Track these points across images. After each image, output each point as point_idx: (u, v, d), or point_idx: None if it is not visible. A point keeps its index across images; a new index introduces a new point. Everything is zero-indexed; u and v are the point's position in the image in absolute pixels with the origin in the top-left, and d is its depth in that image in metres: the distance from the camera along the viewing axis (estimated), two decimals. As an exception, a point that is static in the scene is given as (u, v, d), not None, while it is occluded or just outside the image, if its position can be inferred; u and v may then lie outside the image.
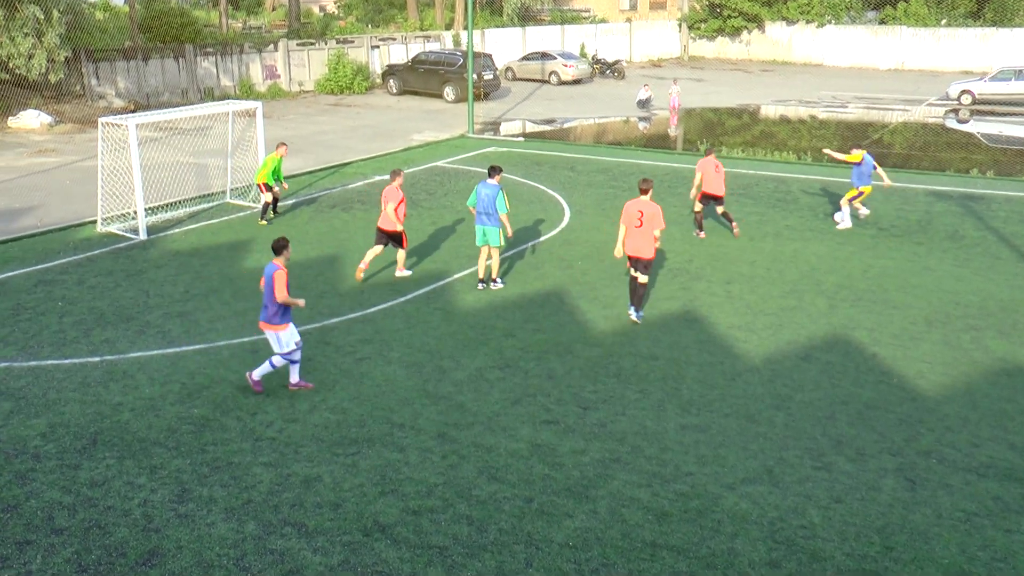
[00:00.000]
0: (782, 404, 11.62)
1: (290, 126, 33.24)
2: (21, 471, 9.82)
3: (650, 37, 61.88)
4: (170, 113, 20.36)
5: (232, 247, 18.16)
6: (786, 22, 60.17)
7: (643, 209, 13.70)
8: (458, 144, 29.80)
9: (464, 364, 12.70)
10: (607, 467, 10.03)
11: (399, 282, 16.00)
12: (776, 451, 10.44)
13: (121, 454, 10.19)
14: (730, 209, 21.10)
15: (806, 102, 41.99)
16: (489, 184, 15.26)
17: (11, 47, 29.16)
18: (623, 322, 14.28)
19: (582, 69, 48.16)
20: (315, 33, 50.28)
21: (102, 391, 11.74)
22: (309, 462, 10.05)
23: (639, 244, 13.83)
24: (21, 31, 29.11)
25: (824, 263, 17.29)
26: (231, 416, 11.10)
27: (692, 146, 30.13)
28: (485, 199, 15.19)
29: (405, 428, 10.85)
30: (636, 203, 13.85)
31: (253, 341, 13.36)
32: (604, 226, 19.64)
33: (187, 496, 9.37)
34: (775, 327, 14.17)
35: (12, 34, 29.01)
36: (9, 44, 29.12)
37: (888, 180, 20.13)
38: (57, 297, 15.24)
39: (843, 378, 12.39)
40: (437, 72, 41.03)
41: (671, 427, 10.98)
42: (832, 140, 32.00)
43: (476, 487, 9.59)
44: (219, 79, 39.79)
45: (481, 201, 15.24)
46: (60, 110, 33.76)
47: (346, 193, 22.84)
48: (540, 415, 11.23)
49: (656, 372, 12.53)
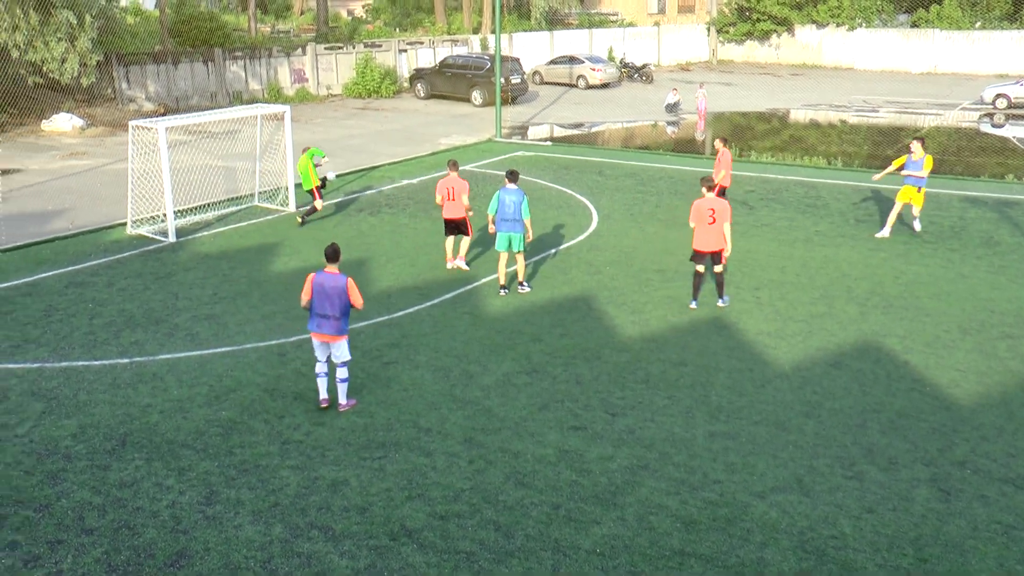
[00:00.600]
0: (812, 412, 11.52)
1: (318, 130, 33.41)
2: (52, 471, 9.92)
3: (678, 41, 61.69)
4: (199, 116, 20.52)
5: (260, 250, 18.27)
6: (816, 25, 59.77)
7: (714, 207, 14.55)
8: (486, 148, 29.84)
9: (491, 369, 12.70)
10: (635, 474, 9.99)
11: (426, 286, 16.03)
12: (806, 459, 10.35)
13: (150, 455, 10.27)
14: (760, 214, 20.99)
15: (836, 106, 41.69)
16: (511, 190, 15.33)
17: (45, 51, 29.56)
18: (651, 327, 14.23)
19: (610, 73, 48.09)
20: (343, 37, 50.57)
21: (131, 393, 11.84)
22: (336, 466, 10.07)
23: (712, 239, 14.67)
24: (55, 36, 29.51)
25: (855, 269, 17.14)
26: (259, 419, 11.16)
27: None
28: (510, 205, 15.24)
29: (432, 432, 10.86)
30: (705, 201, 14.64)
31: (281, 344, 13.43)
32: (632, 231, 19.59)
33: (215, 498, 9.42)
34: (805, 334, 14.06)
35: (46, 39, 29.40)
36: (43, 49, 29.52)
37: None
38: (88, 299, 15.39)
39: (874, 386, 12.27)
40: (465, 76, 41.10)
41: (700, 434, 10.92)
42: (863, 145, 31.76)
43: (503, 492, 9.57)
44: (247, 83, 40.09)
45: (505, 207, 15.28)
46: (92, 113, 34.14)
47: (374, 197, 22.92)
48: (568, 421, 11.20)
49: (685, 378, 12.46)
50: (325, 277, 10.94)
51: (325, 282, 10.90)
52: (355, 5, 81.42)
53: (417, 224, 20.20)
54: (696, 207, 14.71)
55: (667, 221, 20.43)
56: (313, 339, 11.23)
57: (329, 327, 10.95)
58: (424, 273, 16.81)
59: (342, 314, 10.94)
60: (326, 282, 10.90)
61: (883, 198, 22.73)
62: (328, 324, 10.94)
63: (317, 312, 10.95)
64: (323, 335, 11.02)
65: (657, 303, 15.31)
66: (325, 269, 11.07)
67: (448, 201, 16.57)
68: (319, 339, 11.12)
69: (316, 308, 10.96)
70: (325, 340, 11.08)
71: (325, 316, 10.91)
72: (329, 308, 10.88)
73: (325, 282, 10.90)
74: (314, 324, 11.03)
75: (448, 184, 16.57)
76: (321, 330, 10.98)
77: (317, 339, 11.15)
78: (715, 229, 14.58)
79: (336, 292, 10.85)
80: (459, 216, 16.68)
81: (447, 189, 16.54)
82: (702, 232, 14.66)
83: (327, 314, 10.90)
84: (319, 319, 10.95)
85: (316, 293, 10.92)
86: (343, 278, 10.92)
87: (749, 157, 28.41)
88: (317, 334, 11.07)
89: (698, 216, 14.65)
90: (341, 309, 10.91)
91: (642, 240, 18.98)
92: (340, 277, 10.92)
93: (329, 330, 10.96)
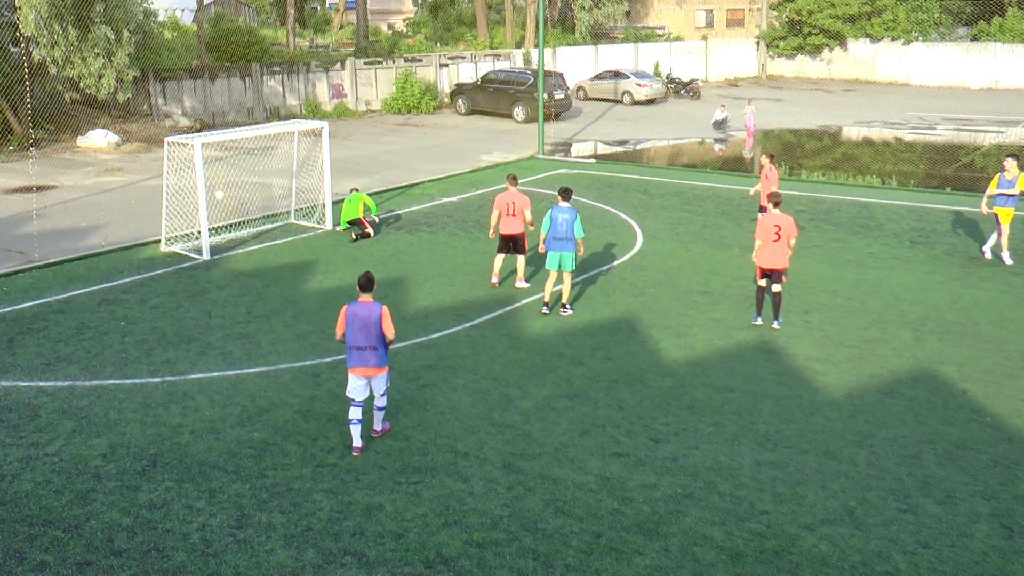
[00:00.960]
0: (864, 441, 11.37)
1: (356, 146, 33.74)
2: (82, 491, 10.05)
3: (726, 55, 61.59)
4: (236, 132, 20.82)
5: (295, 268, 18.45)
6: (870, 39, 59.36)
7: (779, 223, 14.73)
8: (528, 166, 29.93)
9: (531, 392, 12.69)
10: (679, 503, 9.91)
11: (465, 306, 16.08)
12: (858, 491, 10.21)
13: (180, 477, 10.37)
14: (810, 235, 20.83)
15: (891, 123, 41.32)
16: (564, 207, 15.39)
17: (82, 67, 30.19)
18: (696, 351, 14.15)
19: (656, 88, 48.09)
20: (383, 51, 51.14)
21: (162, 412, 11.99)
22: (370, 490, 10.11)
23: (777, 256, 14.83)
24: (92, 51, 30.14)
25: (909, 293, 16.93)
26: (291, 441, 11.23)
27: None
28: (563, 224, 15.29)
29: (469, 457, 10.86)
30: (771, 217, 14.85)
31: (315, 364, 13.53)
32: (677, 251, 19.52)
33: (246, 521, 9.49)
34: (857, 360, 13.90)
35: (84, 54, 30.04)
36: (81, 64, 30.16)
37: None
38: (120, 317, 15.63)
39: (930, 415, 12.08)
40: (507, 91, 41.33)
41: (746, 463, 10.82)
42: (919, 164, 31.42)
43: (542, 520, 9.54)
44: (285, 98, 40.63)
45: (557, 226, 15.32)
46: (127, 129, 34.78)
47: (412, 215, 23.07)
48: (609, 447, 11.15)
49: (731, 404, 12.37)
50: (359, 307, 10.69)
51: (359, 312, 10.65)
52: (396, 19, 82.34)
53: (456, 243, 20.30)
54: (761, 222, 14.98)
55: (714, 241, 20.34)
56: (352, 376, 10.80)
57: (370, 359, 10.67)
58: (463, 293, 16.87)
59: (379, 344, 10.66)
60: (359, 312, 10.65)
61: (940, 219, 22.46)
62: (368, 356, 10.66)
63: (353, 345, 10.67)
64: (366, 368, 10.70)
65: (703, 326, 15.23)
66: (359, 299, 10.81)
67: (507, 216, 16.73)
68: (361, 374, 10.73)
69: (351, 340, 10.67)
70: (367, 374, 10.75)
71: (361, 348, 10.65)
72: (364, 339, 10.60)
73: (359, 312, 10.65)
74: (354, 359, 10.71)
75: (508, 199, 16.76)
76: (363, 364, 10.68)
77: (358, 375, 10.75)
78: (780, 246, 14.76)
79: (371, 322, 10.59)
80: (517, 231, 16.82)
81: (507, 204, 16.73)
82: (767, 249, 14.84)
83: (363, 345, 10.63)
84: (357, 352, 10.67)
85: (350, 324, 10.64)
86: (378, 307, 10.67)
87: (799, 176, 28.23)
88: (358, 368, 10.71)
89: (763, 232, 14.86)
90: (378, 339, 10.64)
91: (688, 261, 18.91)
92: (375, 306, 10.67)
93: (371, 363, 10.67)
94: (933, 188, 26.69)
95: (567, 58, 51.49)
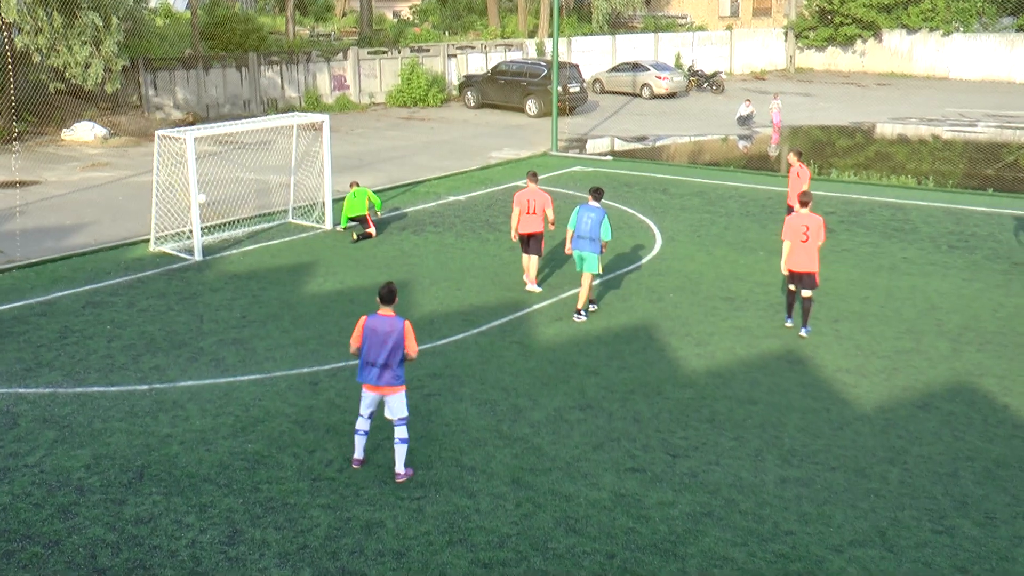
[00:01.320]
0: (897, 458, 11.35)
1: (359, 141, 33.85)
2: (64, 504, 10.10)
3: (752, 47, 61.58)
4: (231, 126, 20.90)
5: (293, 270, 18.51)
6: (906, 30, 59.27)
7: (808, 223, 14.77)
8: (540, 163, 29.97)
9: (542, 404, 12.71)
10: (698, 522, 9.91)
11: (472, 312, 16.10)
12: (890, 511, 10.20)
13: (169, 490, 10.41)
14: (840, 238, 20.81)
15: (928, 120, 41.25)
16: (592, 207, 15.55)
17: (68, 55, 30.25)
18: (718, 361, 14.15)
19: (677, 82, 48.11)
20: (388, 41, 51.27)
21: (150, 422, 12.03)
22: (371, 505, 10.13)
23: (805, 259, 14.85)
24: (79, 39, 30.19)
25: (947, 301, 16.89)
26: (287, 453, 11.27)
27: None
28: (588, 223, 15.43)
29: (476, 472, 10.88)
30: (799, 217, 14.90)
31: (313, 372, 13.57)
32: (698, 255, 19.53)
33: (238, 538, 9.52)
34: (889, 371, 13.88)
35: (70, 42, 30.13)
36: (66, 53, 30.22)
37: None
38: (106, 320, 15.70)
39: (968, 431, 12.06)
40: (519, 84, 41.41)
41: (770, 480, 10.81)
42: (958, 163, 31.35)
43: (553, 539, 9.55)
44: (284, 90, 40.78)
45: (582, 224, 15.47)
46: (115, 122, 34.95)
47: (418, 214, 23.13)
48: (624, 462, 11.16)
49: (754, 418, 12.36)
50: (379, 321, 10.47)
51: (379, 327, 10.43)
52: (401, 6, 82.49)
53: (464, 244, 20.34)
54: (788, 222, 15.02)
55: (737, 244, 20.34)
56: (364, 391, 10.71)
57: (385, 377, 10.47)
58: (471, 298, 16.91)
59: (398, 363, 10.48)
60: (380, 327, 10.43)
61: (980, 222, 22.41)
62: (383, 374, 10.46)
63: (368, 360, 10.48)
64: (378, 387, 10.53)
65: (724, 334, 15.23)
66: (379, 311, 10.56)
67: (527, 214, 16.91)
68: (372, 391, 10.62)
69: (367, 356, 10.47)
70: (379, 392, 10.61)
71: (376, 365, 10.45)
72: (383, 356, 10.39)
73: (379, 327, 10.43)
74: (366, 375, 10.54)
75: (528, 196, 16.97)
76: (377, 381, 10.49)
77: (370, 391, 10.65)
78: (808, 247, 14.79)
79: (392, 338, 10.39)
80: (536, 230, 16.98)
81: (527, 201, 16.93)
82: (795, 251, 14.89)
83: (379, 363, 10.43)
84: (371, 368, 10.48)
85: (368, 339, 10.45)
86: (400, 321, 10.46)
87: (829, 175, 28.21)
88: (371, 386, 10.57)
89: (791, 232, 14.89)
90: (397, 357, 10.46)
91: (709, 265, 18.91)
92: (397, 320, 10.46)
93: (386, 381, 10.48)
94: (973, 189, 26.65)
95: (583, 49, 51.56)
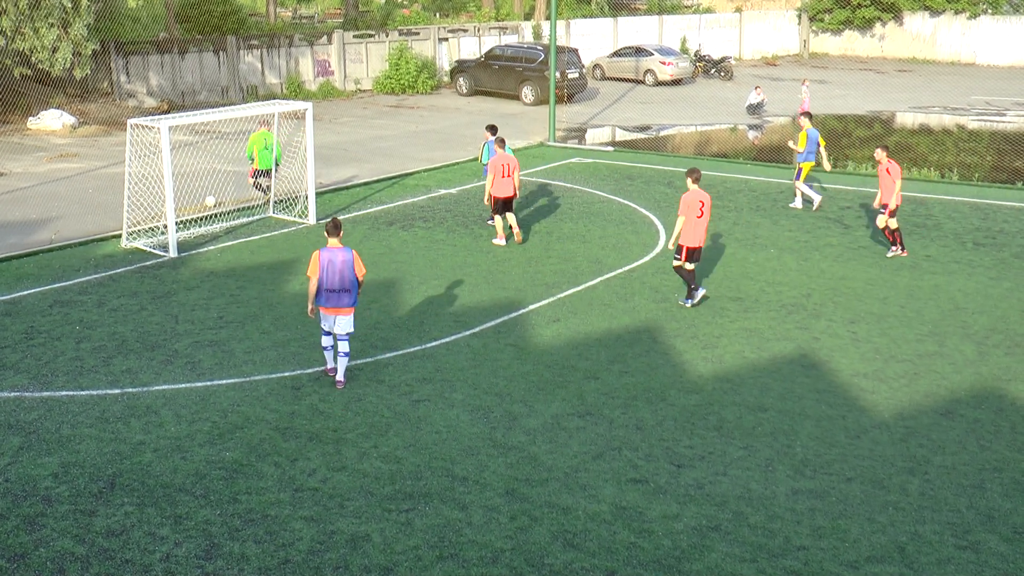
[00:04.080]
0: (917, 468, 11.39)
1: (344, 130, 33.86)
2: (30, 515, 10.11)
3: (763, 30, 61.66)
4: (208, 114, 20.90)
5: (274, 268, 18.53)
6: (929, 13, 59.36)
7: (703, 199, 16.08)
8: (537, 154, 30.01)
9: (538, 410, 12.73)
10: (704, 536, 9.94)
11: (465, 312, 16.13)
12: (910, 524, 10.24)
13: (142, 501, 10.42)
14: (857, 235, 20.85)
15: (953, 109, 41.34)
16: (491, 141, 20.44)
17: (34, 39, 30.14)
18: (726, 365, 14.19)
19: (683, 67, 48.18)
20: (374, 24, 51.29)
21: (122, 428, 12.05)
22: (356, 518, 10.15)
23: (701, 234, 16.17)
24: (46, 21, 30.07)
25: (972, 301, 16.94)
26: (268, 462, 11.29)
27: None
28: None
29: (468, 482, 10.90)
30: (695, 194, 16.09)
31: (295, 376, 13.59)
32: (706, 252, 19.54)
33: (215, 552, 9.53)
34: (910, 376, 13.92)
35: (36, 24, 30.03)
36: (32, 36, 30.12)
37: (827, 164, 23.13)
38: (75, 320, 15.70)
39: (995, 440, 12.10)
40: (514, 69, 41.46)
41: (781, 491, 10.84)
42: (985, 155, 31.42)
43: (549, 554, 9.58)
44: (264, 76, 40.78)
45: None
46: (84, 110, 34.93)
47: (406, 208, 23.15)
48: (626, 472, 11.19)
49: (764, 426, 12.40)
50: (332, 252, 12.81)
51: (334, 258, 12.78)
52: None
53: (456, 240, 20.36)
54: (684, 199, 16.10)
55: (746, 241, 20.38)
56: (323, 314, 13.04)
57: (343, 301, 12.89)
58: (463, 297, 16.93)
59: (352, 286, 12.86)
60: (335, 258, 12.78)
61: (1009, 217, 22.47)
62: (343, 298, 12.87)
63: (327, 288, 12.78)
64: (339, 309, 12.93)
65: (733, 337, 15.27)
66: (328, 244, 12.90)
67: (502, 178, 19.39)
68: (330, 313, 12.98)
69: (326, 284, 12.76)
70: (336, 313, 12.97)
71: (336, 291, 12.80)
72: (339, 282, 12.77)
73: (334, 258, 12.78)
74: (327, 300, 12.86)
75: (503, 160, 19.50)
76: (337, 304, 12.89)
77: (328, 313, 13.00)
78: (703, 223, 16.10)
79: (346, 266, 12.79)
80: (511, 194, 19.60)
81: (503, 166, 19.44)
82: (694, 226, 16.05)
83: (336, 288, 12.79)
84: (332, 294, 12.83)
85: (325, 268, 12.72)
86: (349, 251, 12.88)
87: (846, 168, 28.26)
88: (330, 308, 12.92)
89: (687, 208, 16.01)
90: (351, 282, 12.84)
91: (718, 264, 18.94)
92: (347, 251, 12.87)
93: (345, 303, 12.91)
94: (1001, 183, 26.71)
95: (582, 32, 51.60)
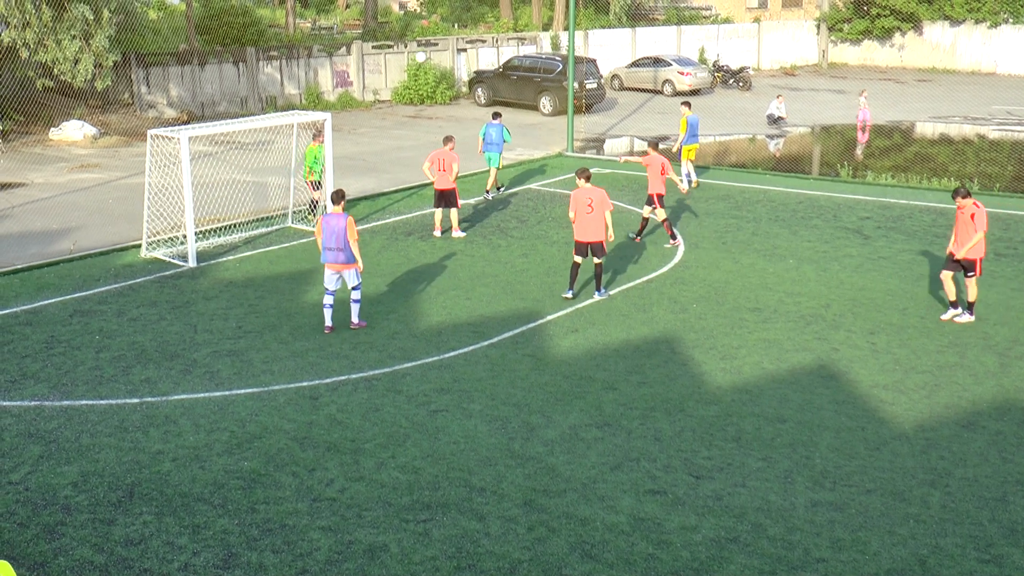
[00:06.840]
0: (938, 480, 11.31)
1: (362, 141, 33.95)
2: (49, 524, 10.15)
3: (782, 40, 61.50)
4: (227, 125, 21.00)
5: (292, 278, 18.57)
6: (949, 22, 59.06)
7: (592, 196, 16.89)
8: (555, 164, 30.02)
9: (556, 421, 12.72)
10: (722, 548, 9.90)
11: (482, 323, 16.13)
12: (931, 537, 10.17)
13: (160, 510, 10.45)
14: (877, 245, 20.76)
15: (973, 119, 41.12)
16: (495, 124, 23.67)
17: (56, 51, 30.35)
18: (744, 376, 14.14)
19: (701, 78, 48.12)
20: (393, 34, 51.44)
21: (141, 437, 12.09)
22: (374, 528, 10.15)
23: (592, 229, 16.96)
24: (68, 33, 30.29)
25: (993, 312, 16.84)
26: (286, 471, 11.30)
27: (832, 170, 29.71)
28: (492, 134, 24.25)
29: (486, 493, 10.89)
30: (583, 191, 16.93)
31: (313, 386, 13.61)
32: (724, 262, 19.51)
33: (233, 561, 9.55)
34: (930, 387, 13.84)
35: (59, 37, 30.25)
36: (55, 48, 30.33)
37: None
38: (94, 330, 15.78)
39: (1018, 452, 12.01)
40: (532, 80, 41.47)
41: (800, 503, 10.79)
42: (1006, 165, 31.25)
43: (567, 566, 9.55)
44: (283, 87, 40.95)
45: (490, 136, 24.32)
46: (106, 121, 35.16)
47: (425, 219, 23.18)
48: (644, 483, 11.15)
49: (783, 437, 12.34)
50: (331, 217, 15.14)
51: (331, 222, 15.09)
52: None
53: (474, 251, 20.38)
54: (573, 197, 17.05)
55: (765, 252, 20.32)
56: (326, 270, 15.33)
57: (340, 257, 15.08)
58: (481, 308, 16.94)
59: (346, 246, 14.99)
60: (331, 222, 15.09)
61: (1027, 228, 22.32)
62: (339, 255, 15.07)
63: (327, 246, 15.12)
64: (337, 265, 15.17)
65: (752, 348, 15.22)
66: (331, 211, 15.33)
67: (439, 172, 20.97)
68: (333, 269, 15.26)
69: (326, 243, 15.12)
70: (338, 269, 15.24)
71: (333, 249, 15.06)
72: (335, 242, 15.02)
73: (331, 222, 15.09)
74: (327, 257, 15.21)
75: (440, 155, 21.10)
76: (335, 261, 15.15)
77: (330, 269, 15.28)
78: (593, 218, 16.84)
79: (340, 229, 14.99)
80: (448, 187, 21.03)
81: (439, 160, 21.04)
82: (583, 222, 16.90)
83: (334, 247, 15.04)
84: (330, 252, 15.12)
85: (325, 231, 15.10)
86: (344, 217, 15.10)
87: (865, 178, 28.15)
88: (331, 264, 15.21)
89: (576, 204, 16.95)
90: (345, 242, 14.97)
91: (735, 273, 18.89)
92: (343, 216, 15.12)
93: (341, 260, 15.10)
94: (1022, 193, 26.54)
95: (600, 42, 51.60)
